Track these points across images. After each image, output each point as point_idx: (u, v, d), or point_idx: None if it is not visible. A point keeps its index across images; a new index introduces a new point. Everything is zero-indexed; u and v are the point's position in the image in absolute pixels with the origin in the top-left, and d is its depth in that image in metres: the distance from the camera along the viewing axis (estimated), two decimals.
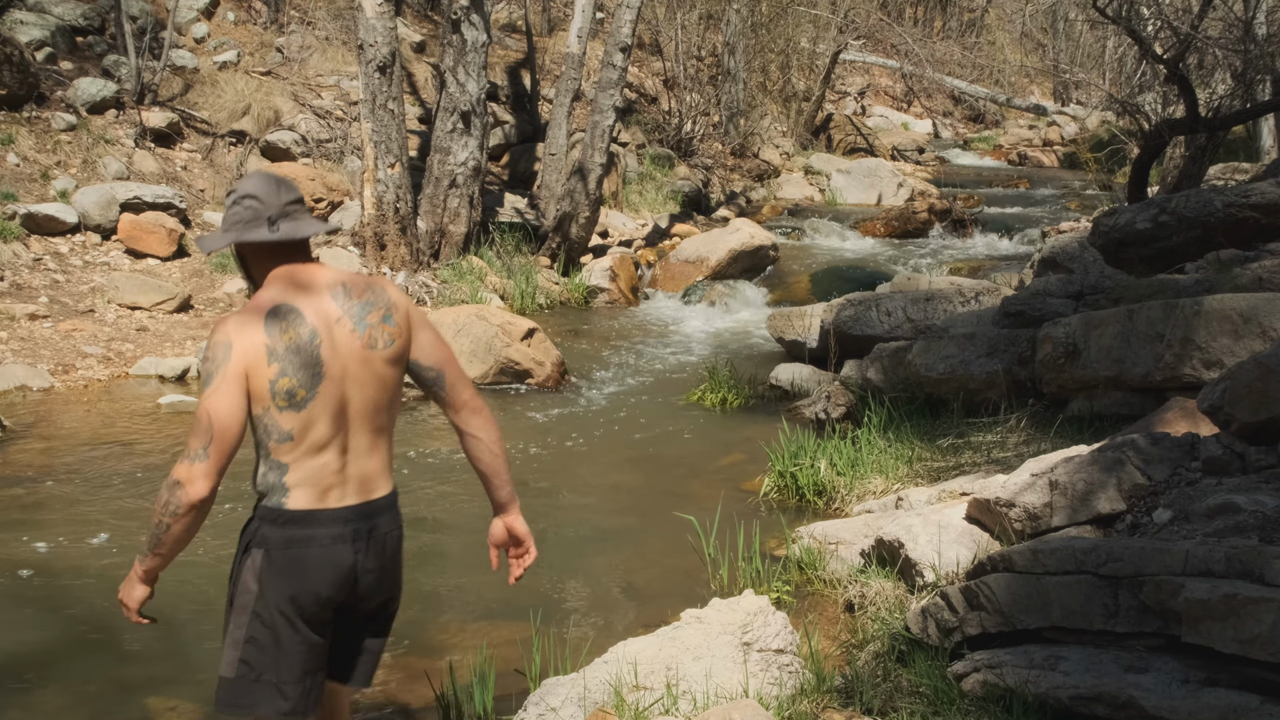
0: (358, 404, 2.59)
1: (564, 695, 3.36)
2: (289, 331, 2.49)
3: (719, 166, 17.75)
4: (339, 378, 2.54)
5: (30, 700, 3.91)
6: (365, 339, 2.57)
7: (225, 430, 2.45)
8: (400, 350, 2.63)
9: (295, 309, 2.52)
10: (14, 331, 8.53)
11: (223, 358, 2.46)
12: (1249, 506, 3.42)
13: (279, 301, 2.52)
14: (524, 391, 8.33)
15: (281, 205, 2.58)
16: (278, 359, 2.47)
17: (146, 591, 2.66)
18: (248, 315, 2.52)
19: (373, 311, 2.59)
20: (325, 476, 2.56)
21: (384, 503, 2.67)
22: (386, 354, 2.61)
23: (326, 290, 2.58)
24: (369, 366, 2.59)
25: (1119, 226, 7.11)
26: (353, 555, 2.59)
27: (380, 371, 2.61)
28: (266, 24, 14.64)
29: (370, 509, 2.63)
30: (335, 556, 2.57)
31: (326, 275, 2.61)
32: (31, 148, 10.74)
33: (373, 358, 2.59)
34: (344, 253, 10.87)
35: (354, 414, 2.59)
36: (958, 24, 29.91)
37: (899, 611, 3.86)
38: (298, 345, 2.49)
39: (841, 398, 7.00)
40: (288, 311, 2.51)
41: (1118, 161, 15.93)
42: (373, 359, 2.59)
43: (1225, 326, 5.07)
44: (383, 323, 2.60)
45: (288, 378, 2.48)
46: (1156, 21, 10.34)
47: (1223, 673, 2.89)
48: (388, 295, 2.64)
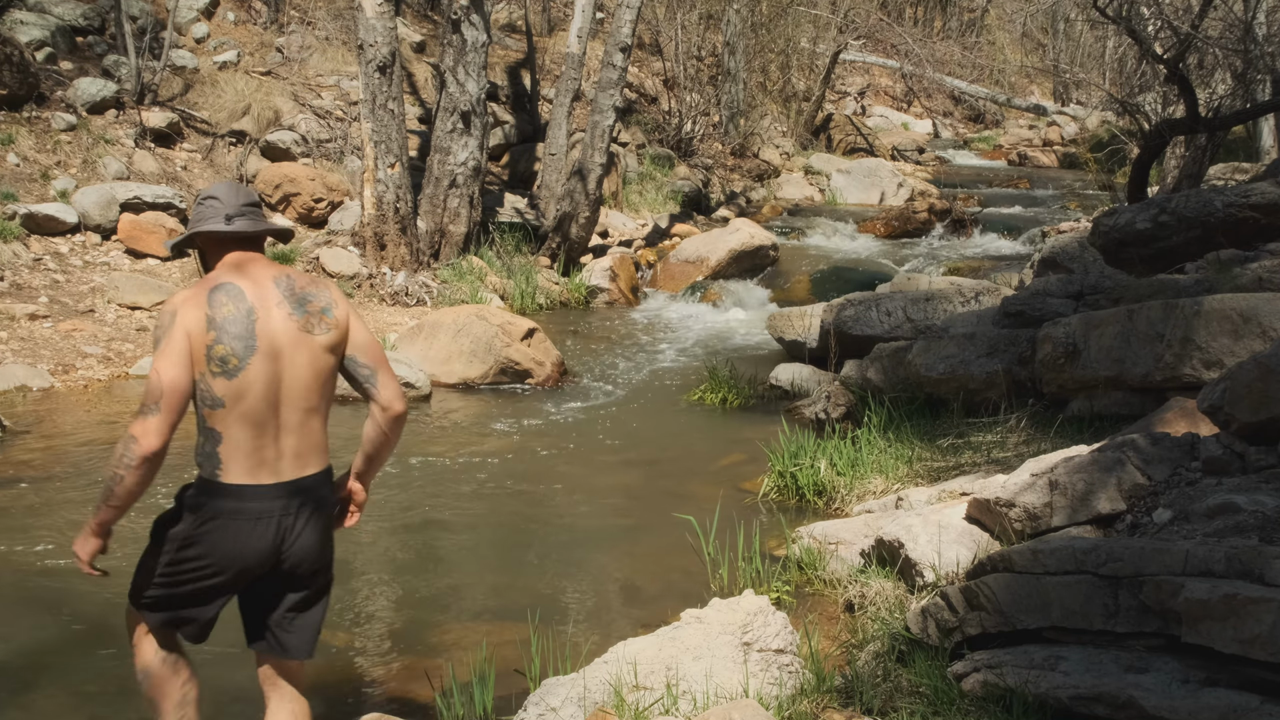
0: (289, 382, 2.82)
1: (564, 695, 3.36)
2: (228, 305, 2.76)
3: (719, 166, 17.76)
4: (271, 353, 2.78)
5: (30, 700, 3.91)
6: (302, 323, 2.83)
7: (174, 387, 2.70)
8: (335, 341, 2.88)
9: (238, 287, 2.80)
10: (14, 331, 8.53)
11: (168, 324, 2.74)
12: (1249, 506, 3.42)
13: (223, 280, 2.81)
14: (524, 391, 8.33)
15: (238, 205, 2.87)
16: (215, 328, 2.73)
17: (98, 544, 2.90)
18: (194, 290, 2.81)
19: (312, 302, 2.86)
20: (257, 450, 2.79)
21: (315, 479, 2.89)
22: (322, 340, 2.86)
23: (270, 279, 2.85)
24: (303, 349, 2.83)
25: (1119, 226, 7.11)
26: (279, 529, 2.82)
27: (314, 356, 2.85)
28: (266, 24, 14.64)
29: (301, 485, 2.85)
30: (261, 530, 2.80)
31: (273, 268, 2.88)
32: (31, 148, 10.74)
33: (308, 341, 2.83)
34: (344, 252, 10.88)
35: (286, 391, 2.82)
36: (958, 24, 29.91)
37: (899, 611, 3.86)
38: (235, 317, 2.75)
39: (841, 398, 6.99)
40: (230, 288, 2.79)
41: (1118, 161, 15.93)
42: (307, 343, 2.83)
43: (1225, 326, 5.07)
44: (321, 314, 2.87)
45: (222, 345, 2.73)
46: (1156, 21, 10.34)
47: (1223, 673, 2.89)
48: (330, 294, 2.92)
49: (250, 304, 2.78)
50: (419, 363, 8.21)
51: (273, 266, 2.90)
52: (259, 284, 2.83)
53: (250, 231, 2.88)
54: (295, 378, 2.83)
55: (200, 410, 2.79)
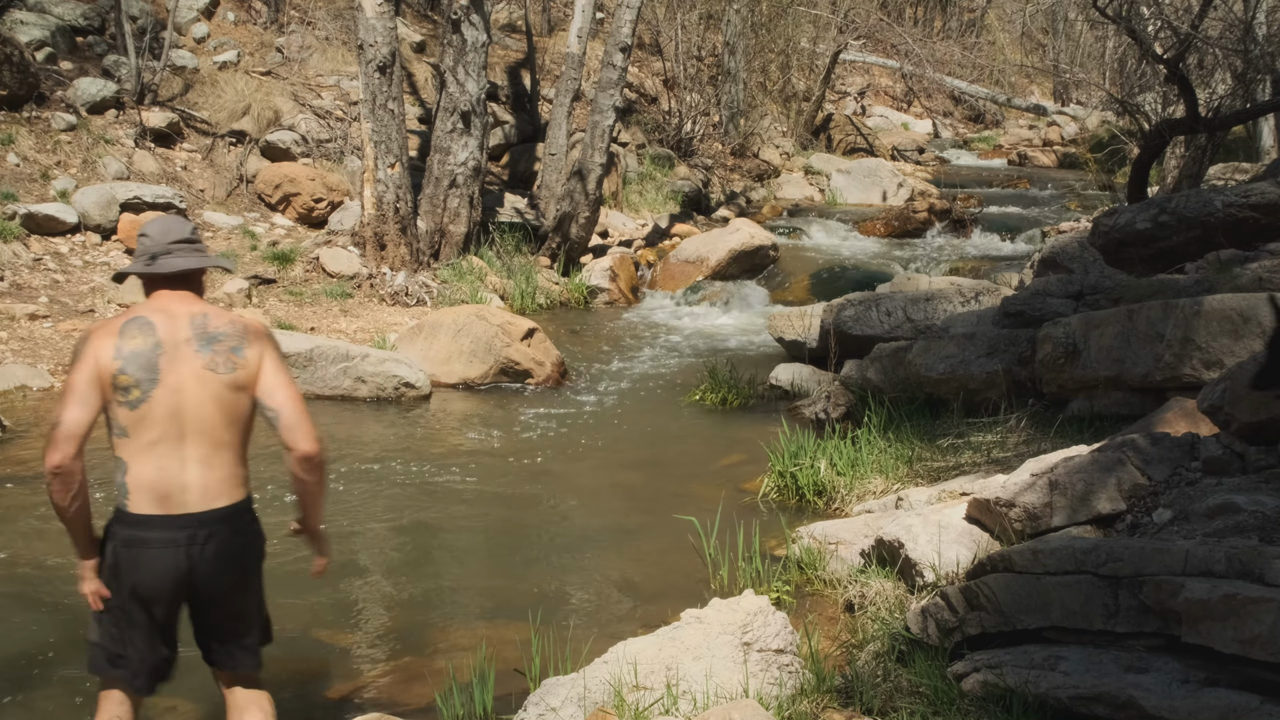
0: (193, 416, 2.92)
1: (564, 695, 3.36)
2: (137, 338, 2.89)
3: (719, 166, 17.75)
4: (174, 387, 2.89)
5: (30, 700, 3.91)
6: (207, 360, 2.93)
7: (74, 407, 2.87)
8: (242, 381, 2.96)
9: (150, 321, 2.92)
10: (14, 331, 8.53)
11: (81, 351, 2.91)
12: (1249, 506, 3.42)
13: (139, 314, 2.95)
14: (524, 391, 8.33)
15: (165, 244, 3.00)
16: (121, 357, 2.86)
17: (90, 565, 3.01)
18: (110, 321, 2.95)
19: (221, 341, 2.96)
20: (162, 482, 2.91)
21: (225, 512, 2.95)
22: (226, 379, 2.94)
23: (186, 317, 2.96)
24: (206, 385, 2.92)
25: (1119, 226, 7.11)
26: (186, 559, 2.90)
27: (218, 392, 2.93)
28: (266, 24, 14.64)
29: (208, 517, 2.92)
30: (168, 559, 2.90)
31: (194, 306, 3.00)
32: (31, 148, 10.74)
33: (211, 379, 2.93)
34: (344, 252, 10.88)
35: (189, 424, 2.92)
36: (958, 24, 29.90)
37: (899, 611, 3.86)
38: (141, 350, 2.88)
39: (841, 398, 6.99)
40: (141, 321, 2.92)
41: (1118, 161, 15.92)
42: (211, 380, 2.93)
43: (1225, 326, 5.07)
44: (230, 353, 2.96)
45: (126, 375, 2.86)
46: (1156, 21, 10.34)
47: (1223, 673, 2.89)
48: (248, 336, 3.00)
49: (159, 338, 2.90)
50: (419, 363, 8.21)
51: (193, 304, 3.01)
52: (173, 319, 2.95)
53: (167, 272, 2.98)
54: (200, 414, 2.92)
55: (111, 438, 2.93)
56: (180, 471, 2.92)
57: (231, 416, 2.96)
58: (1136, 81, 14.83)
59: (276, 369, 3.02)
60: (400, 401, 7.90)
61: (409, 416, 7.62)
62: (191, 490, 2.92)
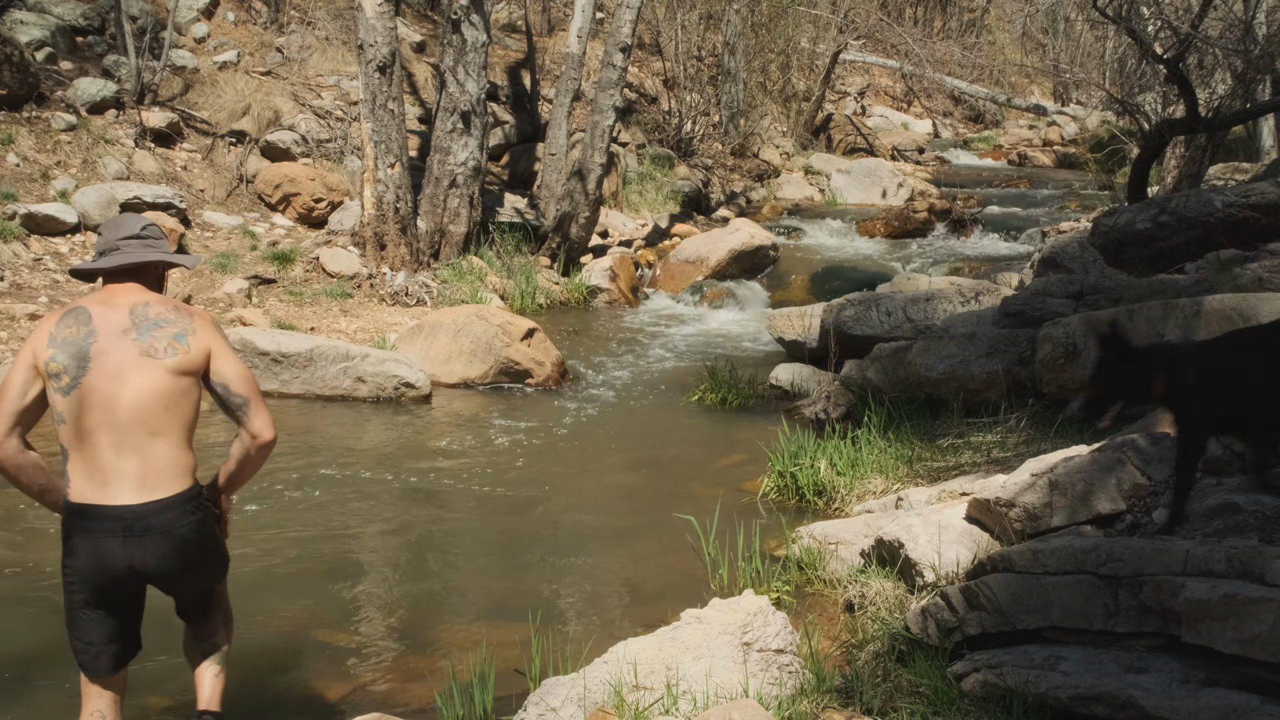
0: (128, 403, 2.92)
1: (564, 695, 3.36)
2: (72, 327, 2.94)
3: (719, 166, 17.75)
4: (107, 374, 2.91)
5: (30, 700, 3.91)
6: (144, 346, 2.95)
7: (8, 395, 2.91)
8: (183, 366, 2.98)
9: (87, 311, 2.97)
10: (14, 331, 8.53)
11: (29, 337, 2.99)
12: (1249, 506, 3.42)
13: (80, 304, 3.01)
14: (524, 391, 8.33)
15: (114, 240, 3.08)
16: (55, 345, 2.92)
17: None
18: (55, 312, 3.04)
19: (164, 328, 2.99)
20: (99, 470, 2.92)
21: (166, 502, 2.95)
22: (166, 363, 2.96)
23: (128, 306, 3.00)
24: (143, 372, 2.93)
25: (1119, 226, 7.11)
26: (124, 548, 2.93)
27: (156, 378, 2.94)
28: (266, 24, 14.64)
29: (146, 508, 2.93)
30: (106, 548, 2.93)
31: (137, 296, 3.04)
32: (31, 148, 10.74)
33: (149, 365, 2.94)
34: (344, 252, 10.88)
35: (124, 412, 2.92)
36: (958, 24, 29.91)
37: (899, 611, 3.86)
38: (73, 339, 2.92)
39: (841, 398, 6.99)
40: (80, 312, 2.98)
41: (1118, 161, 15.92)
42: (148, 365, 2.94)
43: (1225, 326, 5.06)
44: (172, 339, 2.98)
45: (57, 363, 2.90)
46: (1156, 21, 10.33)
47: (1223, 673, 2.89)
48: (191, 323, 3.03)
49: (93, 327, 2.95)
50: (419, 363, 8.21)
51: (137, 294, 3.05)
52: (112, 309, 2.99)
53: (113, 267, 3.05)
54: (136, 400, 2.93)
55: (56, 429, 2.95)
56: (116, 460, 2.92)
57: (170, 403, 2.96)
58: (1136, 81, 14.83)
59: (227, 355, 3.06)
60: (400, 402, 7.90)
61: (409, 417, 7.62)
62: (129, 479, 2.93)
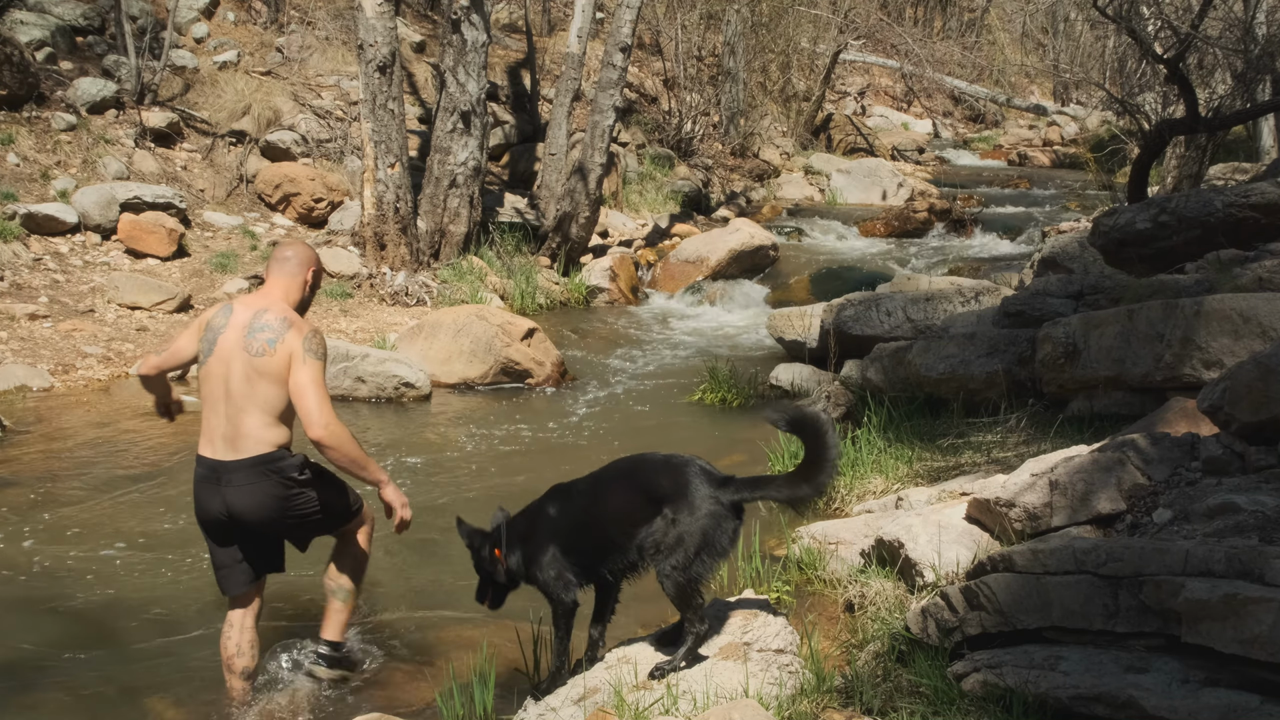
0: (233, 382, 3.72)
1: (564, 695, 3.36)
2: (219, 318, 3.82)
3: (719, 166, 17.75)
4: (223, 357, 3.75)
5: (30, 700, 3.92)
6: (246, 343, 3.73)
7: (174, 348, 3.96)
8: (265, 366, 3.70)
9: (231, 308, 3.84)
10: (14, 331, 8.53)
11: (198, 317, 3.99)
12: (1249, 506, 3.42)
13: (230, 303, 3.89)
14: (524, 391, 8.33)
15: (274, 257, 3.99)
16: (206, 331, 3.83)
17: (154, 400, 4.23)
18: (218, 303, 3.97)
19: (262, 333, 3.73)
20: (208, 430, 3.77)
21: (243, 462, 3.70)
22: (255, 361, 3.71)
23: (251, 310, 3.80)
24: (241, 360, 3.72)
25: (1119, 226, 7.11)
26: (216, 492, 3.72)
27: (248, 368, 3.70)
28: (266, 24, 14.64)
29: (229, 465, 3.70)
30: (204, 490, 3.76)
31: (263, 302, 3.82)
32: (31, 148, 10.74)
33: (246, 357, 3.72)
34: (344, 252, 10.88)
35: (231, 388, 3.72)
36: (958, 24, 29.91)
37: (899, 611, 3.85)
38: (214, 324, 3.82)
39: (841, 398, 6.99)
40: (227, 308, 3.86)
41: (1118, 161, 15.92)
42: (245, 358, 3.72)
43: (1225, 326, 5.06)
44: (265, 345, 3.71)
45: (203, 342, 3.82)
46: (1156, 21, 10.33)
47: (1223, 673, 2.89)
48: (284, 331, 3.73)
49: (227, 319, 3.79)
50: (419, 363, 8.21)
51: (265, 300, 3.83)
52: (247, 309, 3.80)
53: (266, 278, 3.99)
54: (237, 381, 3.71)
55: None
56: (218, 424, 3.72)
57: (255, 388, 3.68)
58: (1136, 81, 14.83)
59: (301, 365, 3.68)
60: (400, 401, 7.90)
61: (409, 416, 7.62)
62: (223, 440, 3.70)
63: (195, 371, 3.77)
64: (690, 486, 3.29)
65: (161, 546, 5.27)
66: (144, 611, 4.62)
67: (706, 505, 3.25)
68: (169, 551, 5.20)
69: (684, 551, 3.23)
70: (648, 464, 3.48)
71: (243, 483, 3.68)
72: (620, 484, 3.49)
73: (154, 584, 4.88)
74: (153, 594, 4.78)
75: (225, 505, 3.70)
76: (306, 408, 3.65)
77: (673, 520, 3.26)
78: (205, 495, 3.74)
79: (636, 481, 3.43)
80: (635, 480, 3.44)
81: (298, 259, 3.92)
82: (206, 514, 3.77)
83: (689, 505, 3.26)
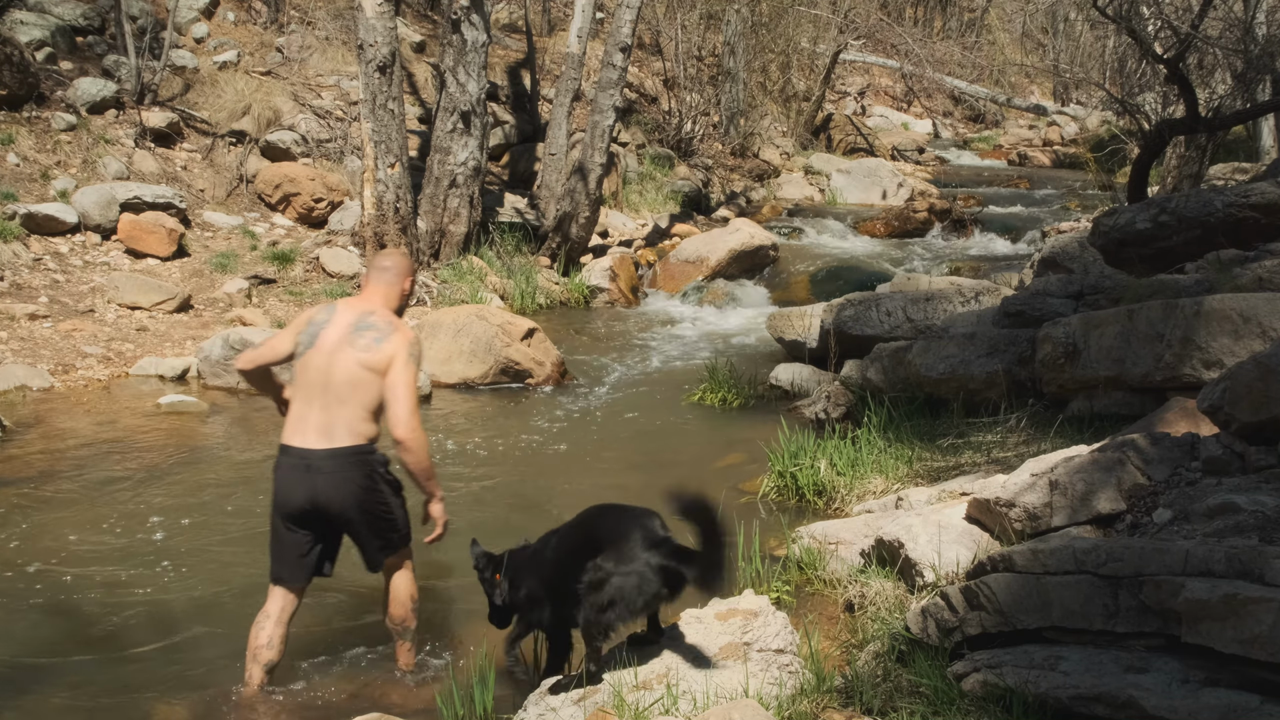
0: (329, 375, 3.89)
1: (564, 695, 3.36)
2: (322, 314, 4.04)
3: (719, 166, 17.75)
4: (325, 351, 3.92)
5: (30, 700, 3.92)
6: (350, 339, 3.92)
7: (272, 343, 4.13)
8: (369, 362, 3.89)
9: (335, 307, 4.07)
10: (14, 331, 8.53)
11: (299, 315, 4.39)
12: (1249, 506, 3.42)
13: (333, 303, 4.12)
14: (524, 391, 8.33)
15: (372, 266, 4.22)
16: (307, 325, 4.02)
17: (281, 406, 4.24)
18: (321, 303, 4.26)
19: (369, 331, 3.94)
20: (300, 419, 3.91)
21: (334, 451, 3.85)
22: (360, 357, 3.89)
23: (358, 310, 4.02)
24: (345, 355, 3.90)
25: (1119, 226, 7.11)
26: (303, 480, 3.84)
27: (349, 363, 3.89)
28: (266, 24, 14.64)
29: (320, 453, 3.84)
30: (290, 478, 3.87)
31: (365, 305, 4.05)
32: (31, 148, 10.74)
33: (351, 353, 3.90)
34: (344, 252, 10.87)
35: (329, 381, 3.89)
36: (958, 24, 29.91)
37: (899, 611, 3.85)
38: (316, 320, 4.02)
39: (841, 398, 6.99)
40: (330, 306, 4.08)
41: (1118, 161, 15.92)
42: (350, 353, 3.90)
43: (1225, 326, 5.06)
44: (371, 343, 3.91)
45: (302, 335, 4.00)
46: (1156, 21, 10.33)
47: (1223, 673, 2.89)
48: (390, 333, 3.94)
49: (329, 318, 3.99)
50: None
51: (366, 304, 4.05)
52: (349, 309, 4.02)
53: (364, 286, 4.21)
54: (337, 375, 3.88)
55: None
56: (312, 414, 3.87)
57: (355, 383, 3.86)
58: (1136, 81, 14.83)
59: (401, 368, 3.89)
60: None
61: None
62: (315, 430, 3.85)
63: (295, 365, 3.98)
64: (628, 540, 3.34)
65: (161, 546, 5.27)
66: (144, 611, 4.62)
67: (635, 565, 3.30)
68: (169, 551, 5.20)
69: (601, 597, 3.30)
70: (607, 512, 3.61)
71: (334, 470, 3.82)
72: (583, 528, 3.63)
73: (154, 584, 4.88)
74: (153, 594, 4.78)
75: (311, 494, 3.82)
76: (397, 408, 3.84)
77: (600, 566, 3.33)
78: (291, 483, 3.84)
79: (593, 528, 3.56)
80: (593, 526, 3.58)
81: (396, 269, 4.14)
82: (288, 503, 3.86)
83: (619, 557, 3.32)
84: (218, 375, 8.13)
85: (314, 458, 3.82)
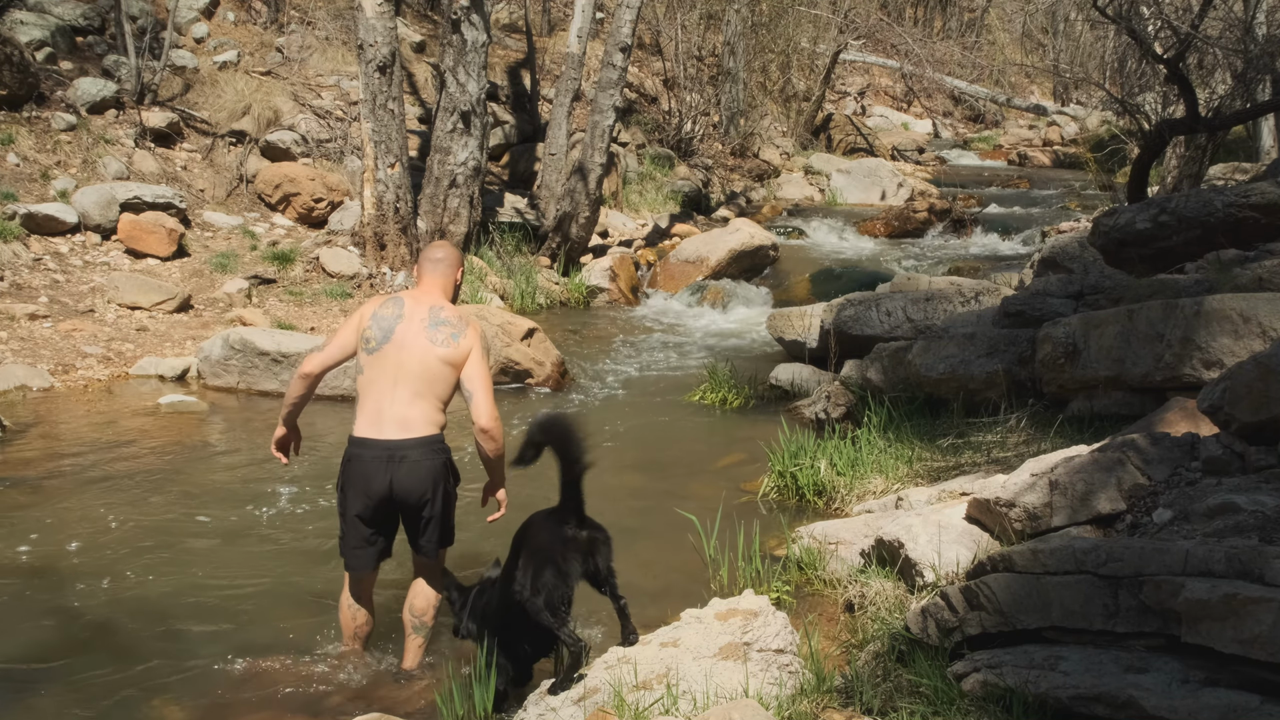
0: (407, 369, 3.98)
1: (564, 695, 3.37)
2: (389, 308, 4.07)
3: (719, 166, 17.76)
4: (399, 345, 3.99)
5: (30, 700, 3.91)
6: (430, 335, 4.01)
7: (339, 341, 4.12)
8: (449, 357, 4.00)
9: (402, 301, 4.10)
10: (14, 331, 8.53)
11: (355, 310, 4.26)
12: (1249, 506, 3.42)
13: (398, 296, 4.14)
14: (524, 391, 8.32)
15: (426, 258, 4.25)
16: (374, 320, 4.05)
17: (282, 432, 4.24)
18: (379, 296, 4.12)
19: (444, 327, 4.03)
20: (375, 412, 3.98)
21: (416, 440, 3.98)
22: (437, 352, 4.00)
23: (426, 305, 4.07)
24: (420, 349, 3.99)
25: (1119, 226, 7.11)
26: (385, 470, 3.95)
27: (427, 357, 3.99)
28: (266, 24, 14.64)
29: (403, 443, 3.96)
30: (372, 470, 3.96)
31: (431, 299, 4.10)
32: (31, 148, 10.74)
33: (427, 347, 3.99)
34: (344, 252, 10.87)
35: (404, 374, 3.98)
36: (958, 24, 29.91)
37: (899, 611, 3.86)
38: (386, 316, 4.05)
39: (841, 398, 6.99)
40: (398, 300, 4.11)
41: (1118, 161, 15.92)
42: (427, 347, 3.99)
43: (1225, 326, 5.06)
44: (449, 338, 4.02)
45: (371, 330, 4.03)
46: (1156, 21, 10.33)
47: (1223, 673, 2.89)
48: (464, 328, 4.06)
49: (400, 312, 4.04)
50: None
51: (433, 298, 4.10)
52: (417, 304, 4.06)
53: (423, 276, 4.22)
54: (412, 369, 3.97)
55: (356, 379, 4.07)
56: (390, 407, 3.95)
57: (431, 376, 3.97)
58: (1136, 81, 14.83)
59: (478, 361, 4.04)
60: None
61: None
62: (394, 422, 3.94)
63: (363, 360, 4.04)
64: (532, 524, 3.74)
65: (161, 546, 5.27)
66: (144, 611, 4.62)
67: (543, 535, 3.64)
68: (169, 551, 5.20)
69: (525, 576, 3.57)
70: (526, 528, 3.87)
71: (417, 459, 3.96)
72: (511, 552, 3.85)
73: (154, 584, 4.88)
74: (153, 594, 4.78)
75: (391, 483, 3.94)
76: (479, 399, 3.99)
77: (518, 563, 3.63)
78: (372, 474, 3.94)
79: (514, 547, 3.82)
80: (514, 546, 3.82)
81: (448, 260, 4.21)
82: (369, 493, 3.96)
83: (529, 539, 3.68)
84: (218, 375, 8.13)
85: (398, 448, 3.93)
